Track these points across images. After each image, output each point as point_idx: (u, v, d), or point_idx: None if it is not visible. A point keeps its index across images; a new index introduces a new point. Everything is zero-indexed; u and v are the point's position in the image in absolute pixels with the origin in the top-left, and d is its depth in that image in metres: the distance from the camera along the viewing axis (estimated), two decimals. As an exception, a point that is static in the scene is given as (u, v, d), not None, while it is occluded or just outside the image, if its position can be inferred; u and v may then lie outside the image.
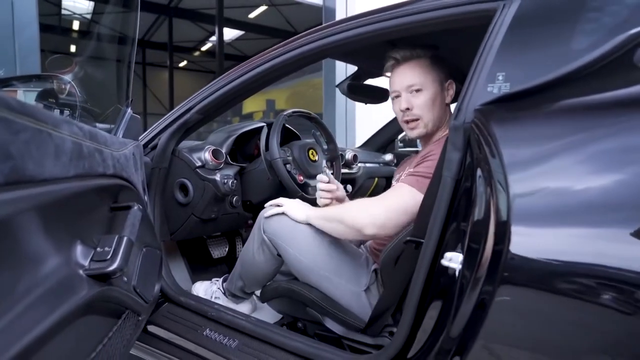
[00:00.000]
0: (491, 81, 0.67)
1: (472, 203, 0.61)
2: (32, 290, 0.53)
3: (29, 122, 0.44)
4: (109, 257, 0.71)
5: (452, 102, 1.10)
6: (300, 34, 1.11)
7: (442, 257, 0.68)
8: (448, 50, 1.09)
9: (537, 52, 0.64)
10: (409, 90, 1.06)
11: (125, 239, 0.75)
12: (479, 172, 0.61)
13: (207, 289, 1.41)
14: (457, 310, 0.59)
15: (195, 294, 1.37)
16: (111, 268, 0.69)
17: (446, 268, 0.66)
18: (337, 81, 4.20)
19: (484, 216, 0.56)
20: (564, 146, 0.53)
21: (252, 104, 7.82)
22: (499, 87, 0.66)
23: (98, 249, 0.72)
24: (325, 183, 1.23)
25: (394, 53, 1.08)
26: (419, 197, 0.90)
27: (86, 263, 0.68)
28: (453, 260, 0.66)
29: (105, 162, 0.73)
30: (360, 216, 0.96)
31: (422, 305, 0.75)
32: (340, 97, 4.34)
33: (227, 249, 1.72)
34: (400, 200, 0.94)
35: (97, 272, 0.68)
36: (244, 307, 1.33)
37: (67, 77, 1.28)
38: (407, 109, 1.06)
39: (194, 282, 1.51)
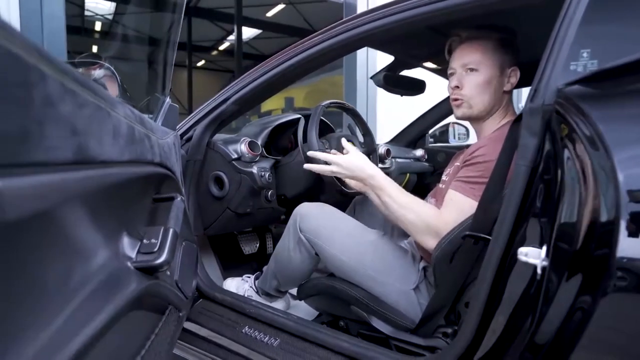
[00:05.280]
0: (574, 59, 0.61)
1: (559, 195, 0.55)
2: (86, 282, 0.50)
3: (90, 97, 0.40)
4: (156, 249, 0.67)
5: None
6: (341, 21, 1.07)
7: (515, 252, 0.62)
8: (513, 32, 1.03)
9: (632, 23, 0.58)
10: (464, 68, 1.01)
11: (171, 230, 0.71)
12: (567, 159, 0.54)
13: (238, 286, 1.38)
14: (543, 317, 0.53)
15: None
16: (159, 261, 0.65)
17: (522, 264, 0.60)
18: (358, 78, 4.12)
19: (579, 211, 0.50)
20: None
21: (271, 102, 7.79)
22: (584, 64, 0.60)
23: (145, 240, 0.68)
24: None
25: (458, 31, 1.03)
26: (475, 203, 0.85)
27: (133, 255, 0.65)
28: (530, 255, 0.60)
29: (153, 149, 0.69)
30: (427, 238, 0.93)
31: (490, 304, 0.69)
32: (361, 94, 4.26)
33: (257, 245, 1.68)
34: (461, 216, 0.89)
35: (145, 265, 0.64)
36: (277, 306, 1.29)
37: (100, 71, 1.26)
38: (457, 87, 1.03)
39: (224, 278, 1.47)
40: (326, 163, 1.10)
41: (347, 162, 1.05)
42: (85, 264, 0.51)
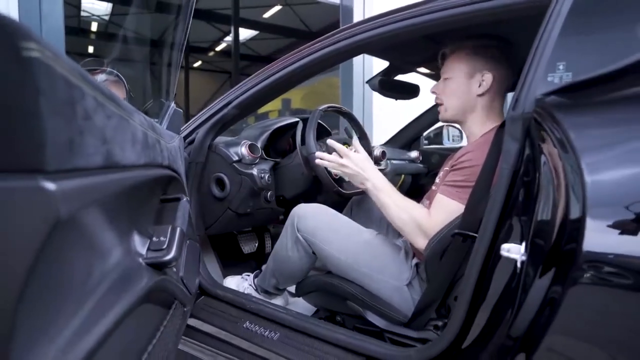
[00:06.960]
0: (551, 71, 0.67)
1: (536, 195, 0.60)
2: (104, 278, 0.54)
3: (115, 108, 0.45)
4: (164, 246, 0.72)
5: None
6: (340, 28, 1.12)
7: (498, 248, 0.68)
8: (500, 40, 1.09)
9: (602, 39, 0.63)
10: (443, 78, 1.12)
11: (178, 229, 0.76)
12: (543, 163, 0.60)
13: (238, 284, 1.42)
14: (520, 307, 0.58)
15: None
16: (168, 257, 0.70)
17: (504, 259, 0.65)
18: (355, 80, 4.16)
19: (552, 210, 0.55)
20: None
21: (268, 104, 7.82)
22: (560, 76, 0.66)
23: (154, 238, 0.73)
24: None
25: (443, 49, 1.13)
26: (462, 206, 0.91)
27: (144, 252, 0.69)
28: (512, 251, 0.65)
29: (162, 153, 0.74)
30: (418, 238, 0.99)
31: (477, 297, 0.74)
32: (357, 96, 4.31)
33: (256, 245, 1.73)
34: (449, 217, 0.94)
35: (155, 261, 0.69)
36: (276, 302, 1.34)
37: (102, 76, 1.31)
38: (434, 92, 1.15)
39: (224, 276, 1.52)
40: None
41: (358, 159, 1.11)
42: (103, 261, 0.55)
